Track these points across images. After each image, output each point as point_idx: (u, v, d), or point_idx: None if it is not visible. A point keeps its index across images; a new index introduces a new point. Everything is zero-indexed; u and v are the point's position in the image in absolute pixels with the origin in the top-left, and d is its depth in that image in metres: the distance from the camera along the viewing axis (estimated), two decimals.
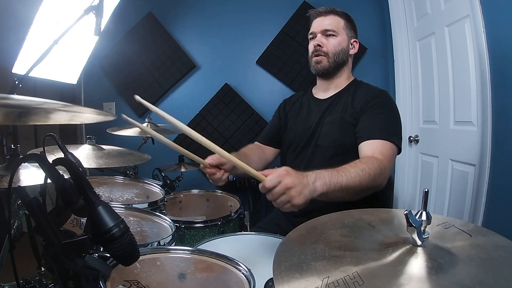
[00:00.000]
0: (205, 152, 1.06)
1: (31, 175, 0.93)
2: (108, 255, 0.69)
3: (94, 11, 1.38)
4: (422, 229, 0.63)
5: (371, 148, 1.24)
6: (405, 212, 0.62)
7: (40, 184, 0.71)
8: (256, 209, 2.69)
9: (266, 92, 2.86)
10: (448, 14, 1.99)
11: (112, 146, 1.53)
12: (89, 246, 0.64)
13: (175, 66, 2.83)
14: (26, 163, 0.97)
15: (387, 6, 2.58)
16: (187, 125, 0.94)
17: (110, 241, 0.62)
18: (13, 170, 0.74)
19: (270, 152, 1.63)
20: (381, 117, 1.31)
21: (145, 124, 2.04)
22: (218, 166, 1.16)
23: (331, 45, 1.44)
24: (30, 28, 1.62)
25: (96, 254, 0.70)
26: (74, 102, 0.64)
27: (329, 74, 1.47)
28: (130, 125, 2.03)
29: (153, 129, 2.01)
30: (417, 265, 0.59)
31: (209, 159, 1.15)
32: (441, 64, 2.13)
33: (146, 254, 0.94)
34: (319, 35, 1.45)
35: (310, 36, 1.51)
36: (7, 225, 0.85)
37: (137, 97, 0.93)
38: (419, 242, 0.62)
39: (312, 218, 0.81)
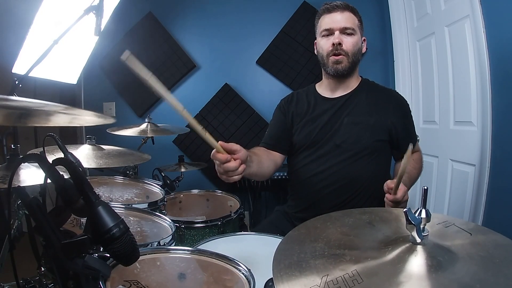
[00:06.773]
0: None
1: (31, 175, 0.93)
2: (108, 255, 0.69)
3: (94, 11, 1.38)
4: (421, 226, 0.63)
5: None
6: (404, 210, 0.62)
7: (40, 184, 0.70)
8: (256, 209, 2.69)
9: (266, 92, 2.87)
10: (448, 14, 1.99)
11: (112, 146, 1.53)
12: (89, 246, 0.64)
13: (175, 66, 2.83)
14: (26, 163, 0.97)
15: (387, 6, 2.58)
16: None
17: (110, 241, 0.62)
18: (13, 170, 0.74)
19: (278, 156, 1.49)
20: (410, 124, 1.49)
21: (144, 125, 2.04)
22: (231, 153, 1.00)
23: (351, 44, 1.36)
24: (30, 28, 1.62)
25: (96, 254, 0.70)
26: (74, 102, 0.65)
27: (347, 74, 1.41)
28: (130, 125, 2.03)
29: (153, 130, 2.02)
30: (416, 263, 0.59)
31: (221, 142, 0.98)
32: (441, 64, 2.12)
33: (146, 254, 0.94)
34: (337, 32, 1.35)
35: (324, 33, 1.39)
36: (7, 225, 0.85)
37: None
38: (418, 240, 0.62)
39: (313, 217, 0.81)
